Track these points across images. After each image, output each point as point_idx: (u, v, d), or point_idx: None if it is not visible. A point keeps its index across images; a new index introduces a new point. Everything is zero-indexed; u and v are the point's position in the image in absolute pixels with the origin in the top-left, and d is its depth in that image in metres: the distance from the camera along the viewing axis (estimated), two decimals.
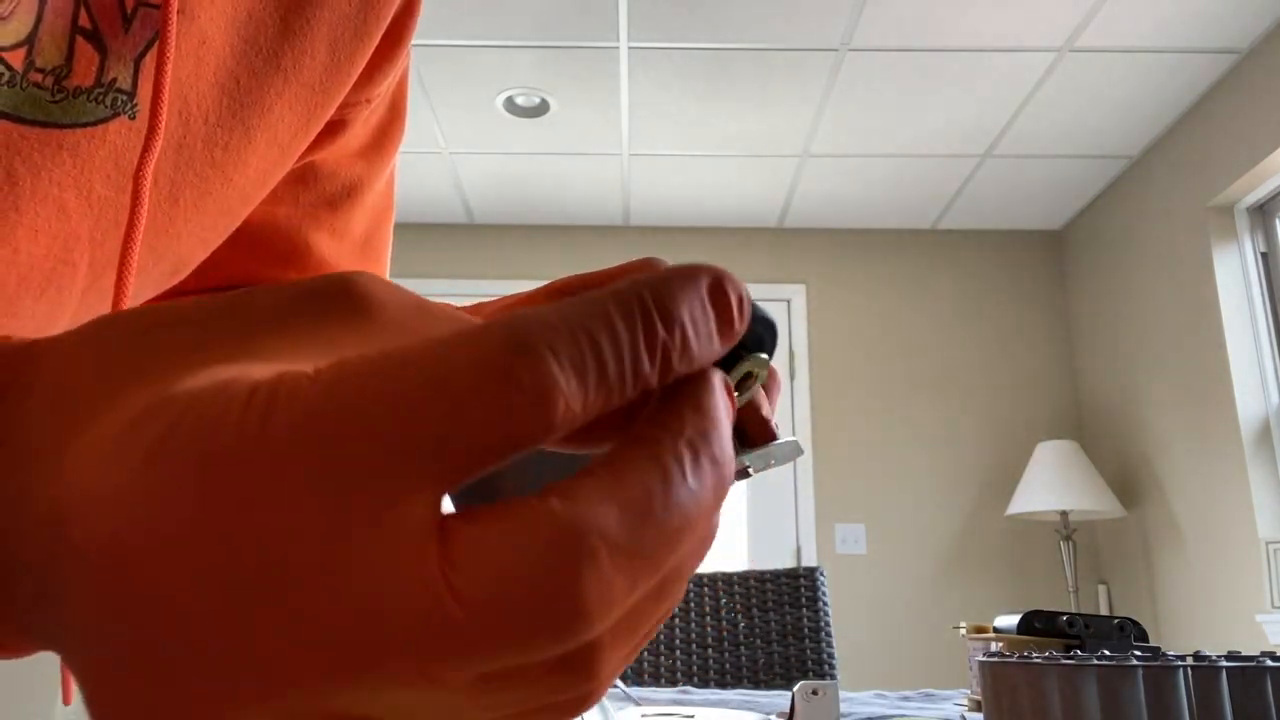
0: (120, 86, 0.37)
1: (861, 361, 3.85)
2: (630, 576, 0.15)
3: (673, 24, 2.67)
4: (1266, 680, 0.42)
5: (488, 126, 3.22)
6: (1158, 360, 3.28)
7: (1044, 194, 3.69)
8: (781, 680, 1.41)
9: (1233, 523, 2.88)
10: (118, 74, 0.36)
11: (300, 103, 0.45)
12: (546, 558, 0.15)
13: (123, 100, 0.37)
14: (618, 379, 0.16)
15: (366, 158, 0.57)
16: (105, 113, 0.36)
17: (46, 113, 0.35)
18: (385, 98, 0.56)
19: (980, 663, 0.46)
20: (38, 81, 0.34)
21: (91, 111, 0.36)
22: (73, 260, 0.37)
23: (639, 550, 0.16)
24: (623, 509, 0.16)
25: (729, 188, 3.66)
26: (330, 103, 0.47)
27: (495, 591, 0.14)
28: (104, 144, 0.36)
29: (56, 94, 0.35)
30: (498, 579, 0.15)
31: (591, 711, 0.51)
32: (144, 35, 0.37)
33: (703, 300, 0.18)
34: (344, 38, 0.46)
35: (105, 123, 0.36)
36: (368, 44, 0.48)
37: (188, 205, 0.41)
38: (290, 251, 0.56)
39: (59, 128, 0.35)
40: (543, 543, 0.15)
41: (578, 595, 0.15)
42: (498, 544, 0.15)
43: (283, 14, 0.43)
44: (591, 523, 0.15)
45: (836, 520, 3.67)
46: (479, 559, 0.15)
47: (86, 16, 0.35)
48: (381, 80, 0.53)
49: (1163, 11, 2.60)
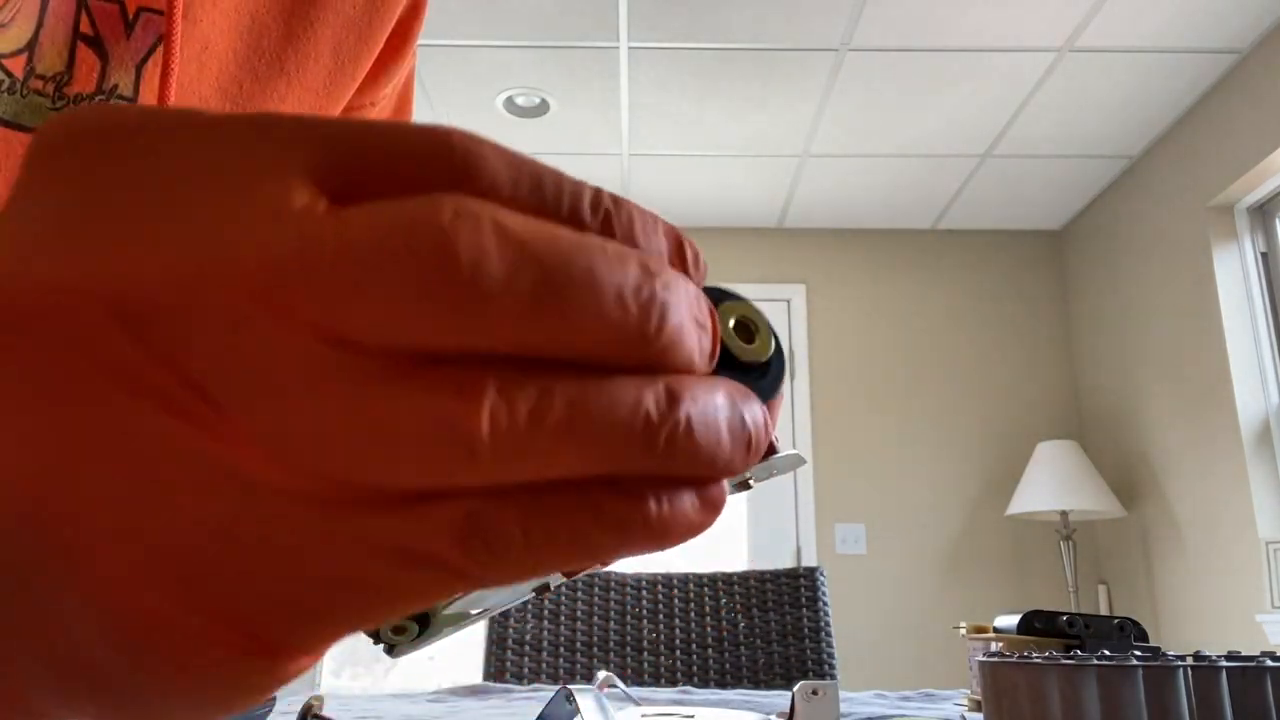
0: (122, 93, 0.36)
1: (861, 361, 3.84)
2: (511, 265, 0.13)
3: (673, 24, 2.67)
4: (1266, 680, 0.42)
5: (488, 126, 3.22)
6: (1158, 360, 3.28)
7: (1044, 194, 3.69)
8: (781, 680, 1.41)
9: (1233, 523, 2.87)
10: (119, 80, 0.36)
11: (304, 107, 0.45)
12: (429, 204, 0.13)
13: None
14: (553, 195, 0.15)
15: None
16: None
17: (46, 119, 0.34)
18: (392, 98, 0.56)
19: (980, 663, 0.46)
20: (38, 89, 0.34)
21: None
22: None
23: (531, 247, 0.13)
24: (526, 220, 0.14)
25: (729, 188, 3.66)
26: (335, 106, 0.47)
27: (377, 220, 0.13)
28: None
29: (57, 101, 0.35)
30: (382, 215, 0.13)
31: (591, 711, 0.51)
32: (146, 41, 0.37)
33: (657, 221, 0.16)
34: (348, 41, 0.46)
35: None
36: (373, 46, 0.48)
37: None
38: None
39: None
40: (432, 198, 0.14)
41: (449, 241, 0.13)
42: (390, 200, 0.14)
43: (286, 17, 0.43)
44: (491, 207, 0.14)
45: (836, 520, 3.67)
46: (368, 206, 0.14)
47: (88, 22, 0.35)
48: (387, 82, 0.52)
49: (1163, 11, 2.60)
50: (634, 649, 1.45)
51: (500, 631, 1.44)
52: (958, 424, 3.78)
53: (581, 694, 0.52)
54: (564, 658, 1.43)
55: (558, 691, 0.53)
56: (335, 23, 0.45)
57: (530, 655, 1.42)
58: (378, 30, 0.48)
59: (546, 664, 1.42)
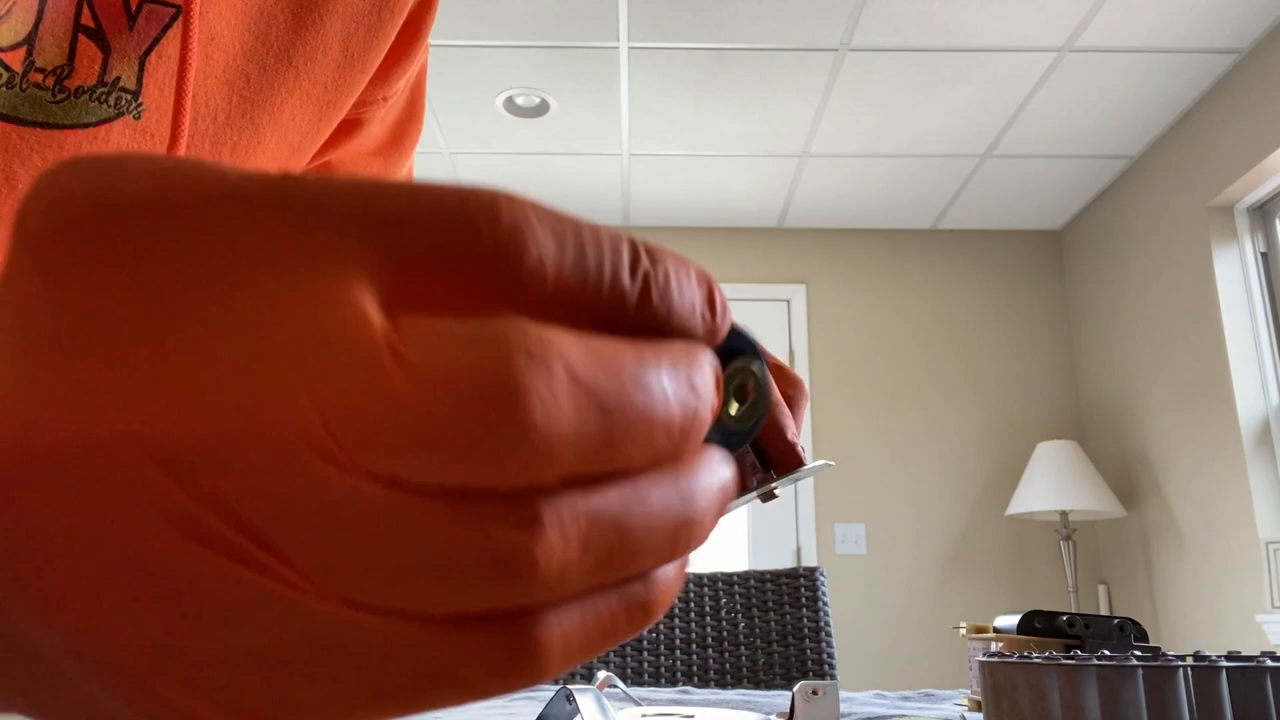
0: (124, 86, 0.36)
1: (861, 361, 3.84)
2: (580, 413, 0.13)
3: (673, 24, 2.67)
4: (1266, 680, 0.42)
5: (488, 126, 3.22)
6: (1158, 360, 3.28)
7: (1044, 194, 3.69)
8: (781, 680, 1.41)
9: (1233, 523, 2.87)
10: (122, 73, 0.35)
11: (312, 101, 0.44)
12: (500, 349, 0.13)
13: (127, 100, 0.36)
14: (595, 265, 0.15)
15: (385, 155, 0.56)
16: (109, 113, 0.35)
17: (47, 114, 0.34)
18: (403, 94, 0.55)
19: (980, 663, 0.46)
20: (38, 82, 0.33)
21: (94, 112, 0.35)
22: None
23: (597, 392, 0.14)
24: (589, 351, 0.14)
25: (729, 188, 3.66)
26: (344, 101, 0.46)
27: (443, 365, 0.13)
28: (107, 145, 0.35)
29: (58, 94, 0.34)
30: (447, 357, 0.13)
31: (591, 711, 0.51)
32: (149, 33, 0.36)
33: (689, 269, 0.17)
34: (358, 34, 0.45)
35: (108, 123, 0.35)
36: (383, 41, 0.47)
37: None
38: None
39: (60, 129, 0.34)
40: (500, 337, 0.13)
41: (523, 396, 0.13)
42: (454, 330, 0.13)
43: (295, 10, 0.42)
44: (557, 342, 0.14)
45: (836, 520, 3.67)
46: (431, 338, 0.13)
47: (89, 14, 0.35)
48: (399, 77, 0.51)
49: (1163, 11, 2.60)
50: (634, 649, 1.45)
51: None
52: (957, 424, 3.78)
53: (581, 694, 0.52)
54: None
55: (558, 691, 0.53)
56: (344, 15, 0.44)
57: None
58: (388, 24, 0.47)
59: None
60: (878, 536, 3.66)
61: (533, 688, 1.07)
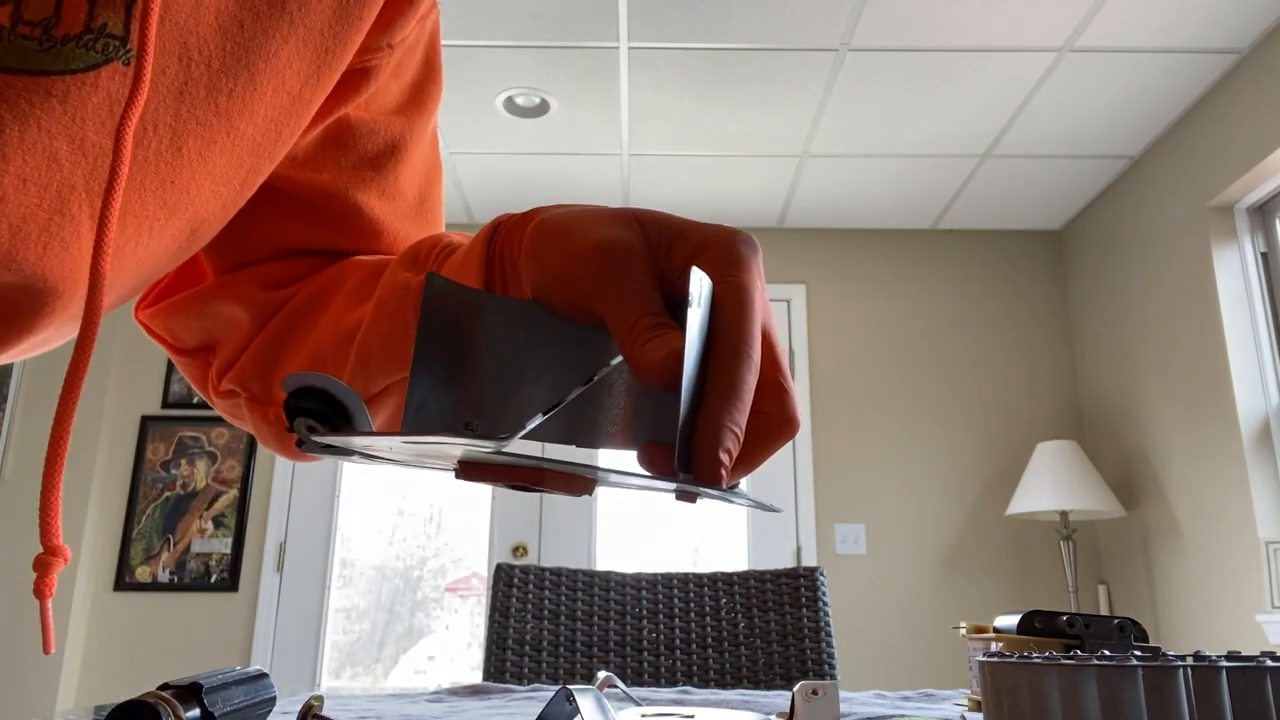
0: (111, 32, 0.36)
1: (861, 361, 3.84)
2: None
3: (673, 24, 2.67)
4: (1266, 680, 0.42)
5: (488, 126, 3.22)
6: (1158, 360, 3.28)
7: (1044, 194, 3.69)
8: (781, 680, 1.41)
9: (1233, 523, 2.87)
10: (108, 19, 0.35)
11: (309, 48, 0.44)
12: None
13: (115, 46, 0.36)
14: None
15: (405, 114, 0.56)
16: (96, 59, 0.35)
17: (35, 62, 0.34)
18: (417, 52, 0.55)
19: (980, 663, 0.46)
20: (25, 34, 0.34)
21: (81, 58, 0.35)
22: (70, 212, 0.36)
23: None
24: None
25: (729, 188, 3.66)
26: (343, 48, 0.46)
27: None
28: (96, 91, 0.35)
29: (45, 43, 0.34)
30: None
31: (591, 711, 0.51)
32: None
33: None
34: None
35: (97, 69, 0.35)
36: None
37: (192, 155, 0.40)
38: (339, 215, 0.54)
39: (47, 75, 0.34)
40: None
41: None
42: None
43: None
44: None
45: (836, 520, 3.67)
46: None
47: None
48: (403, 25, 0.51)
49: (1163, 11, 2.60)
50: (634, 649, 1.45)
51: (500, 631, 1.44)
52: (957, 424, 3.78)
53: (581, 694, 0.52)
54: (564, 658, 1.43)
55: (558, 691, 0.53)
56: None
57: (530, 655, 1.42)
58: None
59: (546, 664, 1.42)
60: (878, 536, 3.66)
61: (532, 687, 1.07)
